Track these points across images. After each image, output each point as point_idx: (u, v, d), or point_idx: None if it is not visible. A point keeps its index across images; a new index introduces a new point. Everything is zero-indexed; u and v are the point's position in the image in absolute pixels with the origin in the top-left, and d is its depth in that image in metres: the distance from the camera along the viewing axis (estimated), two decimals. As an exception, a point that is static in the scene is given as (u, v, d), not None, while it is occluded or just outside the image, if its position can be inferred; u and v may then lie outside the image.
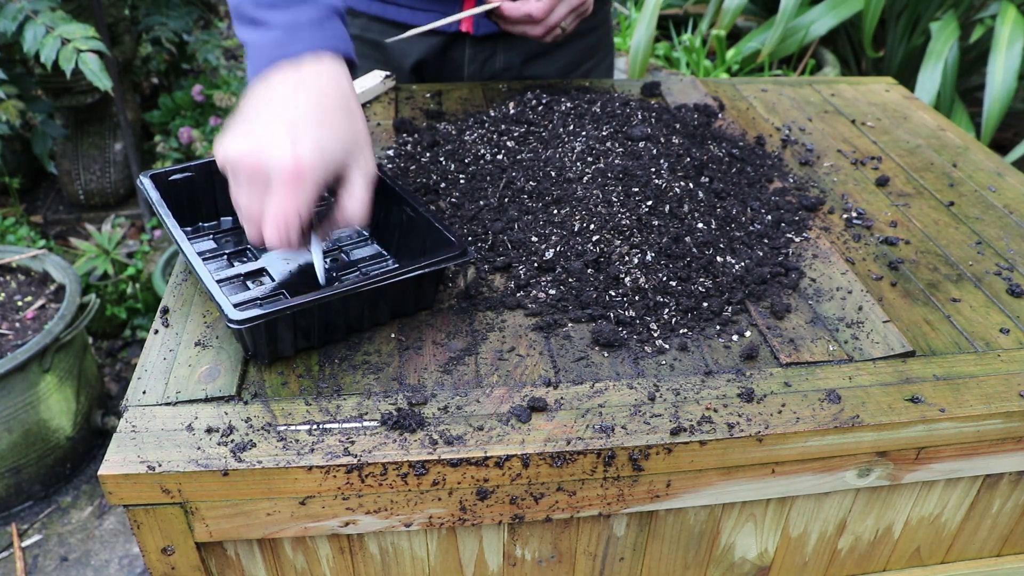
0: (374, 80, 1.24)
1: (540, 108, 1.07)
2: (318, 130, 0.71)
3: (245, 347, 0.74)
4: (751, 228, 0.92)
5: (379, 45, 1.29)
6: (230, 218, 0.92)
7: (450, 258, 0.76)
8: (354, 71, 0.81)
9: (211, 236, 0.90)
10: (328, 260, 0.87)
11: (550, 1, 1.06)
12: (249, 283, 0.83)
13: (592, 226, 0.85)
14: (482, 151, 1.00)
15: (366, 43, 1.31)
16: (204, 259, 0.85)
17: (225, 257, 0.87)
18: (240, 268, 0.85)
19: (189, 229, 0.91)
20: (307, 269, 0.86)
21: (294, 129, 0.70)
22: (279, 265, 0.86)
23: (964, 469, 0.78)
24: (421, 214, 0.81)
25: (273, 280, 0.84)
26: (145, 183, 0.85)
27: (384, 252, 0.89)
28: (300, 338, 0.74)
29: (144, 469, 0.64)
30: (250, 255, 0.88)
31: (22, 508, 1.89)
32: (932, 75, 2.27)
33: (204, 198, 0.90)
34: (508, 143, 1.01)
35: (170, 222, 0.80)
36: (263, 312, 0.69)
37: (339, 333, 0.77)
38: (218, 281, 0.81)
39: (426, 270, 0.76)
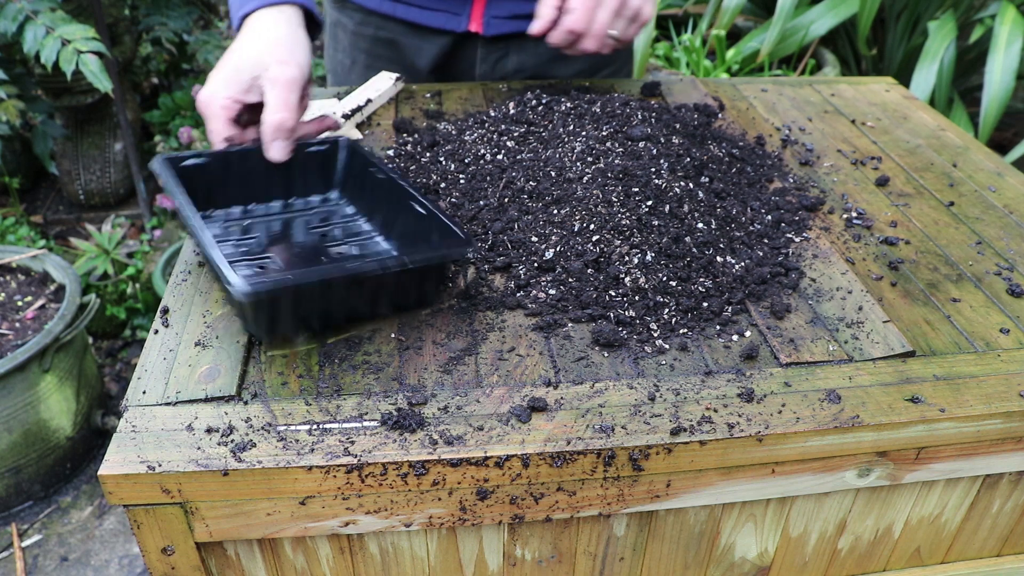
0: (386, 82, 1.23)
1: (540, 108, 1.07)
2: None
3: (246, 323, 0.74)
4: (751, 228, 0.92)
5: (393, 43, 1.29)
6: (238, 208, 0.93)
7: (457, 249, 0.77)
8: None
9: (219, 224, 0.91)
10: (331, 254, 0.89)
11: (583, 9, 1.03)
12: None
13: (592, 226, 0.85)
14: (482, 151, 1.00)
15: (380, 42, 1.30)
16: None
17: (231, 244, 0.88)
18: (245, 254, 0.86)
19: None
20: (312, 258, 0.87)
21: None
22: (285, 253, 0.87)
23: (964, 469, 0.78)
24: (430, 210, 0.82)
25: (278, 267, 0.85)
26: (157, 166, 0.86)
27: (391, 249, 0.89)
28: (302, 318, 0.75)
29: (144, 469, 0.64)
30: (256, 244, 0.89)
31: (22, 508, 1.89)
32: (927, 75, 2.27)
33: (215, 186, 0.91)
34: (508, 143, 1.01)
35: (183, 198, 0.80)
36: (269, 281, 0.69)
37: (340, 317, 0.77)
38: None
39: (433, 260, 0.77)
